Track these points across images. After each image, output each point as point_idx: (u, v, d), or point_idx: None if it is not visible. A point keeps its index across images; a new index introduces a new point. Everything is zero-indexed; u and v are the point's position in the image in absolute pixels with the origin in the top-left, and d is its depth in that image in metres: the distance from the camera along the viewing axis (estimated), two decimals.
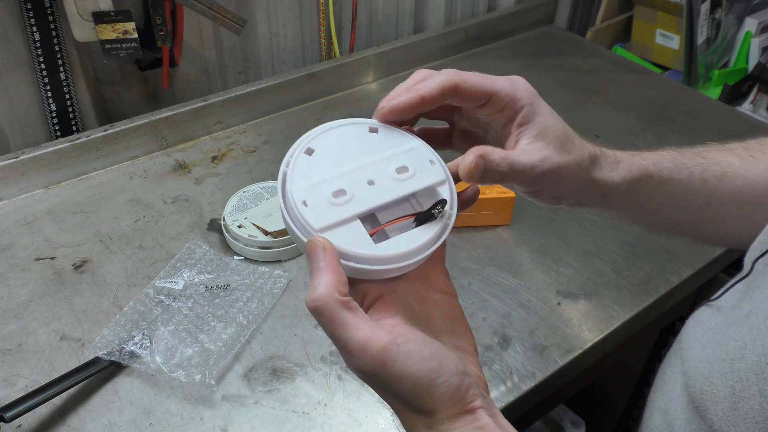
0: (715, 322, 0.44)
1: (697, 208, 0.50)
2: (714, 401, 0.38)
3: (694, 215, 0.51)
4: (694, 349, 0.43)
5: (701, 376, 0.40)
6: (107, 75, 1.00)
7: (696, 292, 1.01)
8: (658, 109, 1.17)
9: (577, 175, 0.42)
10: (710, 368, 0.40)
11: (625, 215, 0.50)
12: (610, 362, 0.92)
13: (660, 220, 0.52)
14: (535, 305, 0.78)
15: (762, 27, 1.34)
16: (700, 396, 0.39)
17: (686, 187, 0.49)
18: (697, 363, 0.41)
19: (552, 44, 1.38)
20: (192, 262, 0.80)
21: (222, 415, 0.64)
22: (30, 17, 0.87)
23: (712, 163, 0.52)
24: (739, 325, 0.40)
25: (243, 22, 0.96)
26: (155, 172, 0.97)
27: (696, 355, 0.42)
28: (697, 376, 0.40)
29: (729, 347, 0.39)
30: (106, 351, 0.68)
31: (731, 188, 0.50)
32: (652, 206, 0.49)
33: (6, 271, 0.80)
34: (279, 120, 1.10)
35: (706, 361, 0.40)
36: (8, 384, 0.67)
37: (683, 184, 0.49)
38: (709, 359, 0.40)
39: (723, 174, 0.51)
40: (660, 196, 0.48)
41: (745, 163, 0.53)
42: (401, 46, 1.23)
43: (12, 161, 0.89)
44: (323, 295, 0.35)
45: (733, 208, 0.51)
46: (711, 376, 0.39)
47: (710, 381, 0.39)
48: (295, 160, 0.41)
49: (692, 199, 0.50)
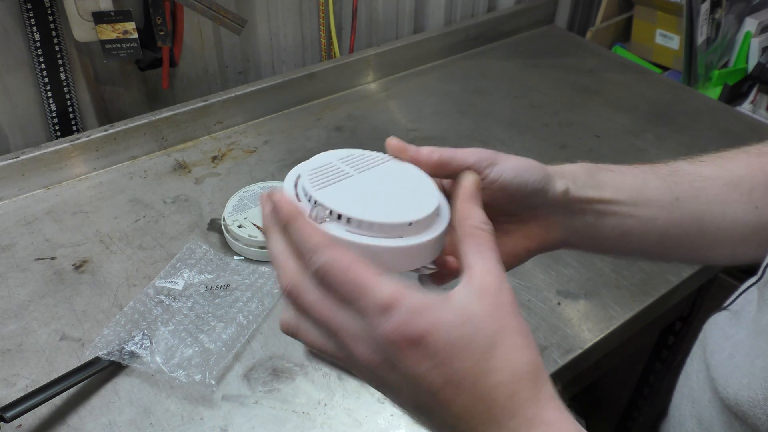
0: (737, 330, 0.43)
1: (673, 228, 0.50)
2: (753, 405, 0.38)
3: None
4: (720, 357, 0.42)
5: (736, 382, 0.40)
6: (107, 75, 1.00)
7: (696, 293, 1.01)
8: (658, 109, 1.17)
9: (532, 175, 0.44)
10: (747, 375, 0.39)
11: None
12: (610, 362, 0.92)
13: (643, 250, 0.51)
14: (535, 305, 0.78)
15: (762, 27, 1.34)
16: (736, 402, 0.39)
17: (648, 189, 0.50)
18: (729, 371, 0.41)
19: (552, 44, 1.38)
20: (192, 262, 0.80)
21: (222, 415, 0.64)
22: (30, 17, 0.87)
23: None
24: (766, 337, 0.40)
25: (243, 22, 0.96)
26: (155, 172, 0.97)
27: (724, 363, 0.42)
28: (731, 382, 0.40)
29: (759, 361, 0.39)
30: (106, 351, 0.68)
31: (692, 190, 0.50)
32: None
33: (6, 271, 0.80)
34: (279, 120, 1.10)
35: (739, 370, 0.40)
36: (8, 384, 0.67)
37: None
38: (744, 367, 0.40)
39: (676, 171, 0.51)
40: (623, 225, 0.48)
41: (694, 164, 0.53)
42: (401, 46, 1.23)
43: (12, 161, 0.89)
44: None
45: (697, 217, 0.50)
46: (749, 383, 0.39)
47: (749, 386, 0.39)
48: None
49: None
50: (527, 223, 0.47)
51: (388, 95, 1.19)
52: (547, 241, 0.47)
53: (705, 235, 0.50)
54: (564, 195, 0.45)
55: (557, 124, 1.12)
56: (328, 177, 0.37)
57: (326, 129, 1.09)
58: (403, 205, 0.37)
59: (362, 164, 0.40)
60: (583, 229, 0.48)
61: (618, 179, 0.49)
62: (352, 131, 1.08)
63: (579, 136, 1.09)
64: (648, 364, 1.18)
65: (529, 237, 0.47)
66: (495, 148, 0.44)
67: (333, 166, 0.39)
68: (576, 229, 0.47)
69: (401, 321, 0.30)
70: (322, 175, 0.37)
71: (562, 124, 1.12)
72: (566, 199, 0.46)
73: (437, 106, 1.15)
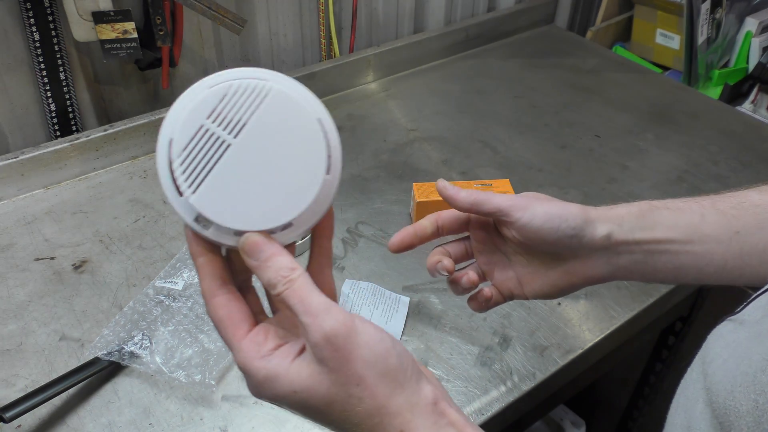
0: (738, 335, 0.43)
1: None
2: (738, 416, 0.37)
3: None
4: (716, 364, 0.42)
5: (724, 390, 0.39)
6: (107, 75, 1.00)
7: (696, 293, 1.01)
8: (659, 109, 1.17)
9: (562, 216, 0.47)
10: (733, 382, 0.39)
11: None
12: (610, 362, 0.92)
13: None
14: (535, 305, 0.78)
15: (762, 27, 1.34)
16: (724, 411, 0.39)
17: (704, 224, 0.50)
18: (720, 378, 0.41)
19: (552, 44, 1.38)
20: (192, 262, 0.80)
21: (222, 415, 0.64)
22: (30, 17, 0.87)
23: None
24: (763, 338, 0.40)
25: (243, 22, 0.95)
26: (155, 172, 0.97)
27: (718, 369, 0.42)
28: (720, 390, 0.40)
29: (753, 360, 0.38)
30: (105, 351, 0.68)
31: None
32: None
33: (6, 271, 0.80)
34: None
35: (729, 376, 0.40)
36: (8, 384, 0.67)
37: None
38: (732, 373, 0.39)
39: (739, 203, 0.50)
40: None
41: (762, 194, 0.51)
42: (401, 46, 1.23)
43: (12, 161, 0.89)
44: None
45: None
46: (734, 391, 0.38)
47: (733, 395, 0.38)
48: None
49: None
50: (568, 261, 0.49)
51: (388, 95, 1.18)
52: (591, 277, 0.49)
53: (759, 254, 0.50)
54: (605, 240, 0.48)
55: (557, 124, 1.12)
56: (202, 158, 0.35)
57: None
58: (283, 195, 0.36)
59: (240, 115, 0.36)
60: (631, 266, 0.49)
61: (673, 218, 0.50)
62: (352, 131, 1.08)
63: (579, 136, 1.09)
64: (648, 365, 1.18)
65: (571, 273, 0.49)
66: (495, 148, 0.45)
67: (207, 132, 0.35)
68: (623, 266, 0.49)
69: (253, 388, 0.37)
70: (196, 157, 0.36)
71: (563, 124, 1.12)
72: (608, 243, 0.48)
73: (437, 106, 1.15)
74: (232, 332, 0.37)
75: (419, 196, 0.85)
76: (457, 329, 0.74)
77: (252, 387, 0.37)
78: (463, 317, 0.76)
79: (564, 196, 0.94)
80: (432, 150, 1.04)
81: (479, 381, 0.69)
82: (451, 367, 0.70)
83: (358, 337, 0.35)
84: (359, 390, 0.35)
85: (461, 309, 0.77)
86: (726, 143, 1.07)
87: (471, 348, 0.72)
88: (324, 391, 0.35)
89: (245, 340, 0.37)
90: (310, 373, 0.35)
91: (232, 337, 0.37)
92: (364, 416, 0.36)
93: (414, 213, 0.87)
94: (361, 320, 0.36)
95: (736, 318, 0.45)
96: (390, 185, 0.96)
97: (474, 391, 0.68)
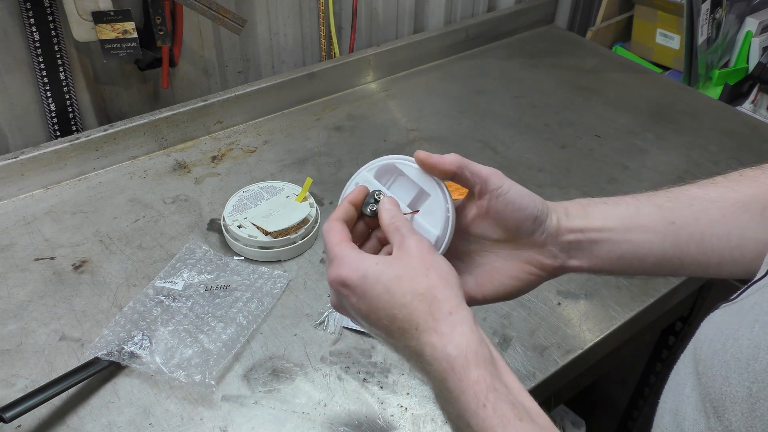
0: (728, 318, 0.44)
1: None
2: (733, 401, 0.38)
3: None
4: (708, 349, 0.43)
5: (719, 376, 0.40)
6: (107, 75, 1.00)
7: (696, 293, 1.01)
8: (659, 109, 1.17)
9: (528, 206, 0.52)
10: (727, 368, 0.40)
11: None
12: (610, 362, 0.92)
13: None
14: (535, 305, 0.78)
15: (762, 27, 1.34)
16: (720, 396, 0.39)
17: (642, 216, 0.53)
18: (713, 362, 0.41)
19: (552, 44, 1.38)
20: (192, 262, 0.80)
21: (222, 416, 0.64)
22: (29, 17, 0.87)
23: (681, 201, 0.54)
24: (745, 316, 0.40)
25: (243, 22, 0.95)
26: (155, 172, 0.97)
27: (711, 354, 0.42)
28: (716, 376, 0.40)
29: (743, 345, 0.39)
30: (105, 351, 0.68)
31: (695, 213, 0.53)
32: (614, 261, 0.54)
33: (5, 271, 0.80)
34: (279, 120, 1.10)
35: (722, 361, 0.40)
36: (8, 384, 0.66)
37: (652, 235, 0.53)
38: (726, 358, 0.40)
39: (690, 203, 0.54)
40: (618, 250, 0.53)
41: (701, 188, 0.55)
42: (401, 46, 1.23)
43: (11, 161, 0.89)
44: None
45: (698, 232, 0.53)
46: (729, 376, 0.39)
47: (728, 381, 0.39)
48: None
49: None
50: (526, 250, 0.53)
51: (388, 95, 1.18)
52: (546, 266, 0.52)
53: (709, 254, 0.53)
54: (556, 226, 0.52)
55: (557, 124, 1.11)
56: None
57: (326, 129, 1.09)
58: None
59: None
60: (579, 254, 0.53)
61: (609, 209, 0.54)
62: (351, 131, 1.08)
63: (579, 136, 1.09)
64: (648, 364, 1.18)
65: (529, 261, 0.52)
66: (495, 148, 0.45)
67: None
68: (573, 255, 0.53)
69: (333, 270, 0.46)
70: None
71: (563, 123, 1.12)
72: (558, 230, 0.52)
73: (437, 106, 1.15)
74: (338, 238, 0.48)
75: None
76: None
77: (335, 269, 0.46)
78: None
79: (564, 196, 0.94)
80: (432, 150, 1.03)
81: None
82: None
83: (436, 255, 0.47)
84: (427, 273, 0.45)
85: None
86: (726, 143, 1.07)
87: None
88: (399, 268, 0.45)
89: (344, 242, 0.48)
90: (389, 259, 0.46)
91: (332, 240, 0.47)
92: (423, 292, 0.44)
93: None
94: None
95: (729, 305, 0.45)
96: None
97: None
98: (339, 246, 0.47)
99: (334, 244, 0.47)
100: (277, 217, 0.83)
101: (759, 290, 0.44)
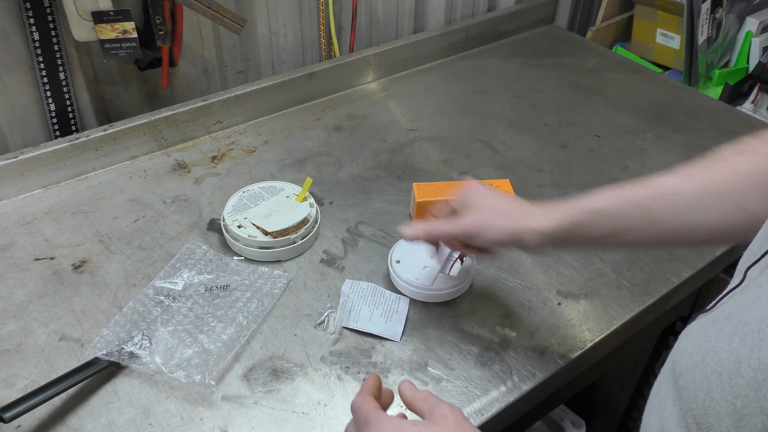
0: (705, 330, 0.43)
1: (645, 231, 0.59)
2: (717, 417, 0.37)
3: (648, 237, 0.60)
4: (688, 362, 0.42)
5: (701, 391, 0.39)
6: (107, 75, 1.00)
7: (697, 293, 1.01)
8: (659, 109, 1.17)
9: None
10: (708, 382, 0.39)
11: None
12: (610, 362, 0.92)
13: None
14: (535, 305, 0.78)
15: (763, 26, 1.34)
16: (703, 412, 0.39)
17: (625, 218, 0.59)
18: (693, 377, 0.41)
19: (552, 44, 1.38)
20: (192, 262, 0.80)
21: (222, 416, 0.64)
22: (29, 17, 0.87)
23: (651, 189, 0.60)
24: (723, 326, 0.40)
25: (243, 21, 0.95)
26: (155, 172, 0.97)
27: (691, 368, 0.42)
28: (698, 391, 0.40)
29: (723, 358, 0.38)
30: (105, 351, 0.68)
31: (671, 207, 0.58)
32: (597, 241, 0.61)
33: (5, 272, 0.80)
34: (279, 120, 1.10)
35: (703, 375, 0.40)
36: (7, 384, 0.66)
37: (620, 217, 0.59)
38: (706, 372, 0.39)
39: (661, 196, 0.59)
40: (598, 233, 0.60)
41: (682, 181, 0.59)
42: (401, 46, 1.23)
43: (11, 161, 0.89)
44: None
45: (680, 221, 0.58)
46: (711, 391, 0.38)
47: (711, 396, 0.38)
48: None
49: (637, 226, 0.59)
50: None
51: (388, 95, 1.18)
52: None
53: (686, 236, 0.59)
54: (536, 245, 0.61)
55: (558, 124, 1.11)
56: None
57: (326, 129, 1.08)
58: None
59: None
60: (559, 244, 0.61)
61: (596, 230, 0.60)
62: (351, 131, 1.08)
63: (579, 136, 1.09)
64: (648, 364, 1.18)
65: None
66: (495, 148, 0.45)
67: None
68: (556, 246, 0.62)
69: (371, 430, 0.49)
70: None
71: (563, 123, 1.12)
72: (541, 242, 0.60)
73: (437, 106, 1.15)
74: (373, 405, 0.51)
75: (419, 196, 0.85)
76: (457, 329, 0.74)
77: (374, 430, 0.49)
78: (463, 317, 0.76)
79: (564, 196, 0.94)
80: (432, 150, 1.04)
81: (479, 381, 0.69)
82: (451, 367, 0.70)
83: (468, 421, 0.50)
84: None
85: (461, 309, 0.77)
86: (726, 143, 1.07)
87: (471, 348, 0.72)
88: (438, 430, 0.48)
89: (380, 410, 0.52)
90: (426, 422, 0.49)
91: (371, 408, 0.51)
92: None
93: (414, 213, 0.87)
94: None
95: (705, 315, 0.45)
96: (390, 185, 0.96)
97: (474, 392, 0.68)
98: (376, 412, 0.50)
99: (369, 411, 0.50)
100: (277, 217, 0.83)
101: (733, 299, 0.44)
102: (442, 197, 0.85)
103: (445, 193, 0.85)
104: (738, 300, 0.43)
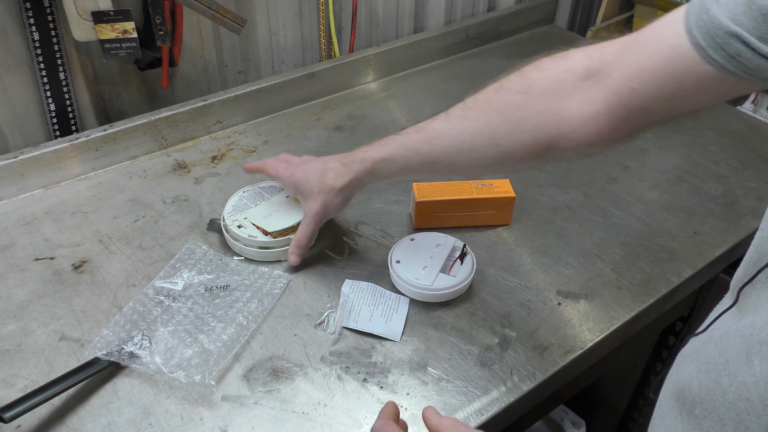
0: (702, 351, 0.42)
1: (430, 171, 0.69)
2: None
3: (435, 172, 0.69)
4: (700, 389, 0.41)
5: (731, 420, 0.38)
6: (106, 75, 1.00)
7: (696, 293, 1.01)
8: None
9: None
10: (737, 411, 0.37)
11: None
12: (610, 362, 0.92)
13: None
14: (535, 305, 0.78)
15: None
16: None
17: (408, 163, 0.68)
18: (714, 405, 0.39)
19: (552, 44, 1.37)
20: (192, 262, 0.80)
21: (222, 416, 0.64)
22: (29, 17, 0.87)
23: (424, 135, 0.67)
24: (726, 349, 0.39)
25: (243, 21, 0.95)
26: (155, 172, 0.97)
27: (707, 395, 0.40)
28: (726, 420, 0.38)
29: (746, 383, 0.37)
30: (105, 351, 0.68)
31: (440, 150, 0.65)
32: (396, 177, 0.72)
33: (5, 272, 0.80)
34: (279, 120, 1.10)
35: (726, 403, 0.38)
36: (7, 384, 0.66)
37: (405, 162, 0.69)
38: (729, 398, 0.38)
39: (430, 140, 0.66)
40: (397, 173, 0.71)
41: (447, 124, 0.66)
42: (401, 46, 1.23)
43: (11, 161, 0.89)
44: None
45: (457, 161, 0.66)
46: (743, 420, 0.37)
47: (744, 425, 0.37)
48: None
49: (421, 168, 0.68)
50: None
51: (388, 95, 1.18)
52: None
53: (456, 169, 0.68)
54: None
55: None
56: None
57: (326, 129, 1.08)
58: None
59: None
60: (359, 187, 0.76)
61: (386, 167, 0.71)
62: (351, 131, 1.08)
63: None
64: (648, 364, 1.18)
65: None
66: None
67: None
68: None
69: None
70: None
71: None
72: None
73: (437, 106, 1.14)
74: (395, 429, 0.53)
75: (419, 196, 0.85)
76: (457, 329, 0.74)
77: None
78: (463, 317, 0.76)
79: (564, 196, 0.94)
80: None
81: (479, 381, 0.69)
82: (451, 367, 0.70)
83: None
84: None
85: (461, 309, 0.77)
86: (726, 143, 1.07)
87: (471, 348, 0.72)
88: None
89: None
90: None
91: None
92: None
93: (414, 213, 0.87)
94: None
95: (697, 338, 0.44)
96: (390, 185, 0.96)
97: (474, 392, 0.68)
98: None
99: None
100: (277, 217, 0.83)
101: (729, 319, 0.43)
102: (443, 197, 0.85)
103: (445, 192, 0.85)
104: (730, 319, 0.42)
